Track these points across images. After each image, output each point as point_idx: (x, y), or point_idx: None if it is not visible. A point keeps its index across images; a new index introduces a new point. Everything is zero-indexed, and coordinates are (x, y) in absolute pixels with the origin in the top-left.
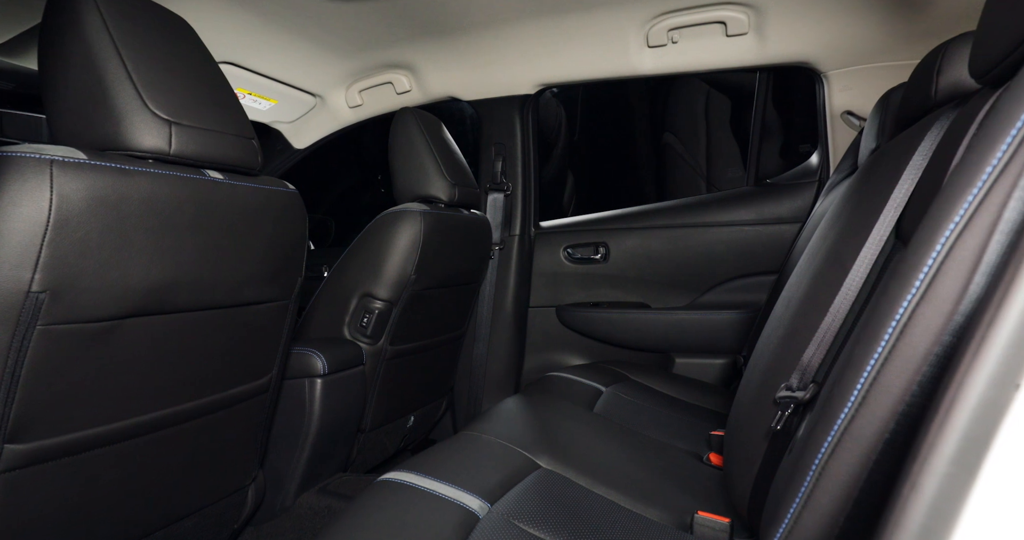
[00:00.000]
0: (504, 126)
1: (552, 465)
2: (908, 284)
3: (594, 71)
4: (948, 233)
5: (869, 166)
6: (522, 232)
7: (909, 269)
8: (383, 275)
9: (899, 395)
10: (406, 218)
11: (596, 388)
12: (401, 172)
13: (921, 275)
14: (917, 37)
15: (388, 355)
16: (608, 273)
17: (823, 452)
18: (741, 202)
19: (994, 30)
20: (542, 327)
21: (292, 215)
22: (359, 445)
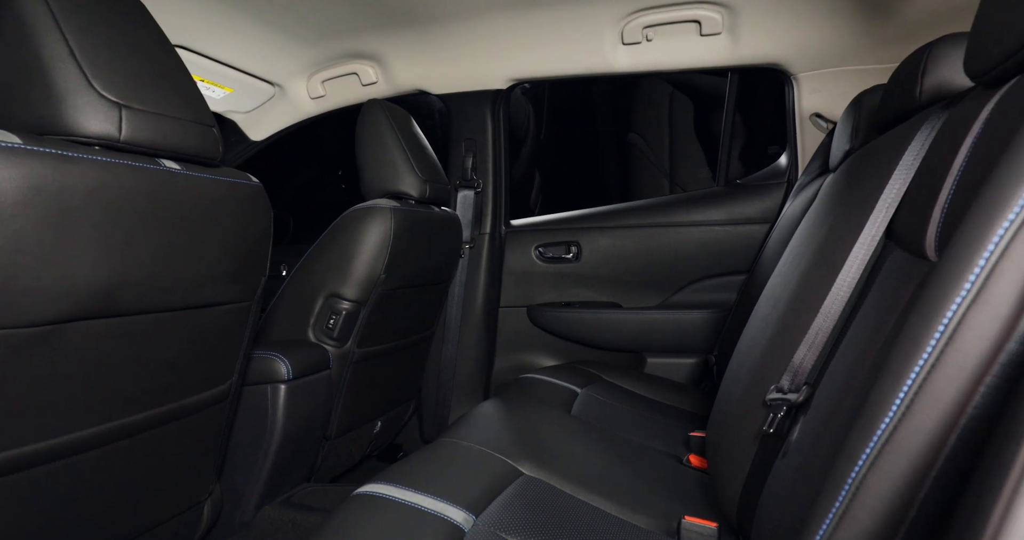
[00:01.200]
0: (475, 121)
1: (535, 472)
2: (954, 288)
3: (568, 67)
4: (1002, 232)
5: (853, 167)
6: (493, 230)
7: (953, 272)
8: (351, 274)
9: (954, 405)
10: (375, 215)
11: (572, 390)
12: (369, 167)
13: (972, 277)
14: (884, 42)
15: (355, 358)
16: (580, 272)
17: (861, 465)
18: (712, 202)
19: (994, 30)
20: (513, 327)
21: (256, 210)
22: (324, 453)
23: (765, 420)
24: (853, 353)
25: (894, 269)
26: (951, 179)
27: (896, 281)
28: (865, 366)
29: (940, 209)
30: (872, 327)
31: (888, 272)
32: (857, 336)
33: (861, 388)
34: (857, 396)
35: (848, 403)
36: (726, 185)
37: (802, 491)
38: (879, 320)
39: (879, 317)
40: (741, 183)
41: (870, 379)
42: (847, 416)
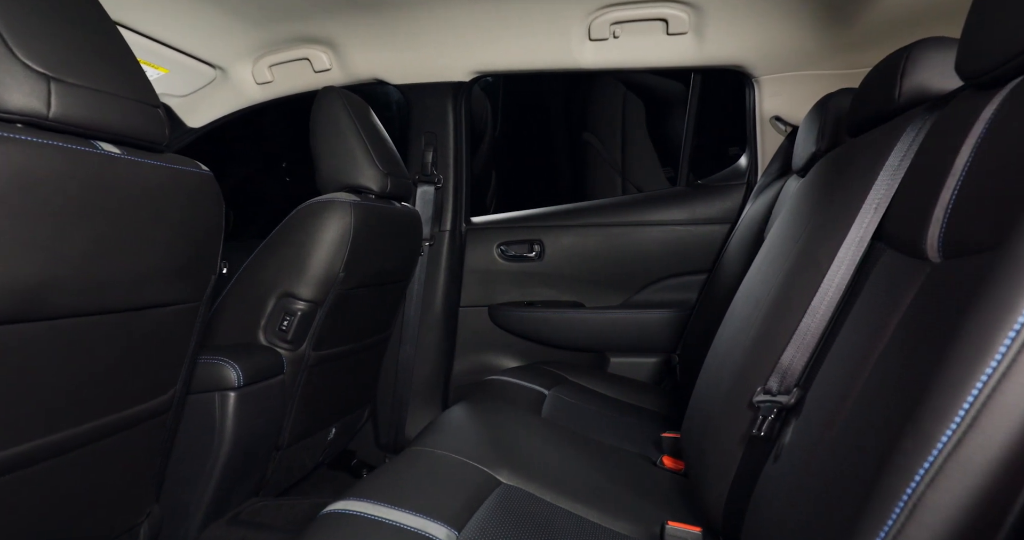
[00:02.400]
0: (436, 114)
1: (512, 480)
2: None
3: (534, 61)
4: None
5: (829, 169)
6: (453, 228)
7: (1013, 275)
8: (307, 272)
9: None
10: (334, 209)
11: (539, 391)
12: (325, 158)
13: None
14: (845, 48)
15: (310, 362)
16: (543, 271)
17: (918, 480)
18: (674, 202)
19: (991, 33)
20: (473, 327)
21: (206, 200)
22: (274, 464)
23: (752, 422)
24: (848, 356)
25: (887, 271)
26: (953, 180)
27: (891, 283)
28: (865, 370)
29: (943, 210)
30: (867, 330)
31: (880, 274)
32: (850, 339)
33: (869, 394)
34: (862, 401)
35: (849, 408)
36: (687, 185)
37: (803, 496)
38: (875, 323)
39: (874, 320)
40: (702, 183)
41: (903, 386)
42: (856, 422)
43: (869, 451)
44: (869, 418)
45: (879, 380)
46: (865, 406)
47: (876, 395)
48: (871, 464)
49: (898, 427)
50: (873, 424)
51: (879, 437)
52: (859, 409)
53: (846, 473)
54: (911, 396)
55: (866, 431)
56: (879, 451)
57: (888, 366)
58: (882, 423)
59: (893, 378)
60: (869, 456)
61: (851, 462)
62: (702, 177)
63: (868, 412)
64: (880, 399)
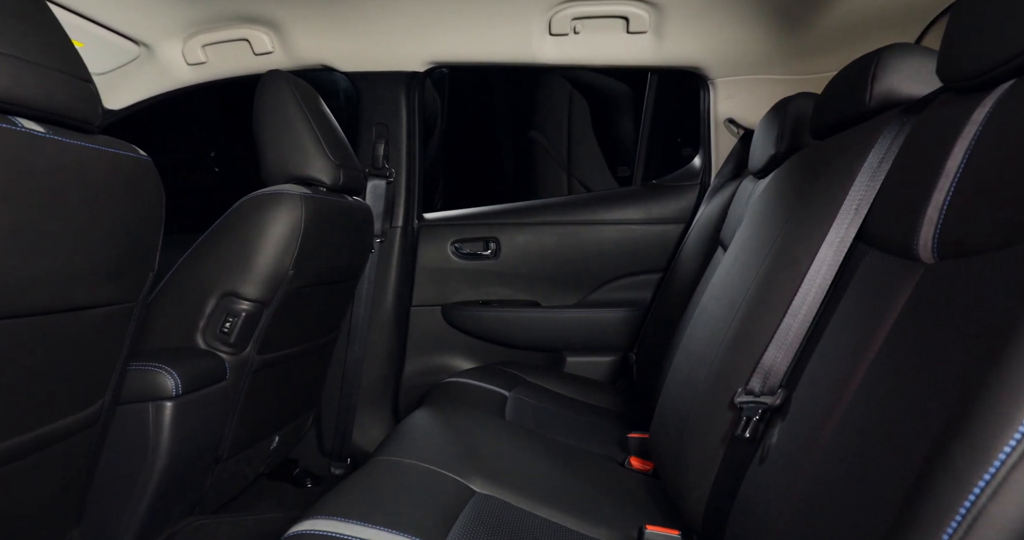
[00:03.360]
0: (388, 105)
1: (486, 488)
2: None
3: (492, 54)
4: None
5: (798, 170)
6: (405, 224)
7: None
8: (252, 270)
9: None
10: (283, 202)
11: (500, 393)
12: (272, 147)
13: None
14: (798, 54)
15: (255, 366)
16: (498, 270)
17: (978, 492)
18: (629, 201)
19: (977, 38)
20: (425, 327)
21: (145, 189)
22: (213, 478)
23: (734, 423)
24: (836, 357)
25: (873, 271)
26: (946, 181)
27: (879, 283)
28: (858, 371)
29: (936, 211)
30: (856, 330)
31: (866, 274)
32: (837, 339)
33: (871, 396)
34: (861, 404)
35: (844, 410)
36: (642, 185)
37: (797, 498)
38: (864, 323)
39: (863, 320)
40: (657, 183)
41: (932, 387)
42: (857, 425)
43: (880, 457)
44: (874, 422)
45: (882, 382)
46: (867, 408)
47: (881, 398)
48: (886, 470)
49: (920, 433)
50: (881, 429)
51: (894, 443)
52: (859, 412)
53: (850, 477)
54: (932, 399)
55: (871, 435)
56: (898, 457)
57: (891, 368)
58: (894, 428)
59: (903, 381)
60: (882, 462)
61: (855, 466)
62: (653, 177)
63: (872, 415)
64: (887, 402)
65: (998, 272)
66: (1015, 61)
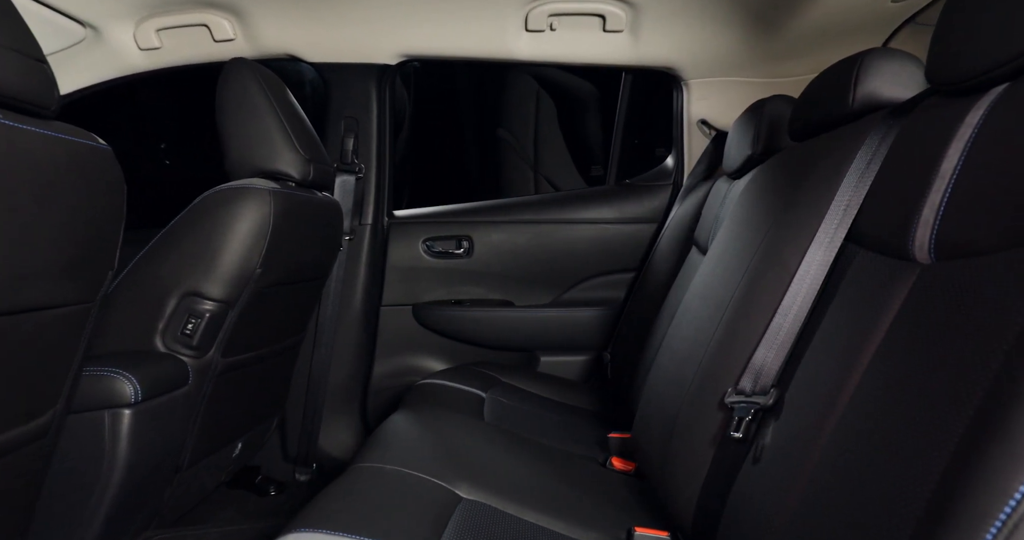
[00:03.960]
0: (358, 98)
1: (472, 494)
2: None
3: (467, 48)
4: None
5: (782, 170)
6: (375, 221)
7: None
8: (217, 269)
9: None
10: (250, 197)
11: (477, 394)
12: (236, 140)
13: None
14: (768, 58)
15: (218, 369)
16: (471, 269)
17: (1018, 500)
18: (603, 200)
19: (970, 42)
20: (396, 328)
21: (105, 181)
22: (172, 489)
23: (724, 423)
24: (831, 356)
25: (866, 272)
26: (942, 182)
27: (872, 284)
28: (856, 371)
29: (932, 212)
30: (850, 330)
31: (858, 275)
32: (831, 339)
33: (874, 395)
34: (865, 403)
35: (841, 410)
36: (616, 184)
37: (795, 500)
38: (859, 323)
39: (857, 320)
40: (630, 183)
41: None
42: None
43: (883, 459)
44: (876, 423)
45: (882, 382)
46: (868, 409)
47: (882, 398)
48: (892, 473)
49: (927, 435)
50: (884, 430)
51: (899, 445)
52: (859, 412)
53: (853, 480)
54: (939, 401)
55: (874, 437)
56: (904, 460)
57: (891, 368)
58: (899, 429)
59: (906, 382)
60: (887, 464)
61: (858, 468)
62: (627, 176)
63: (874, 416)
64: (889, 403)
65: (1005, 273)
66: (1008, 65)
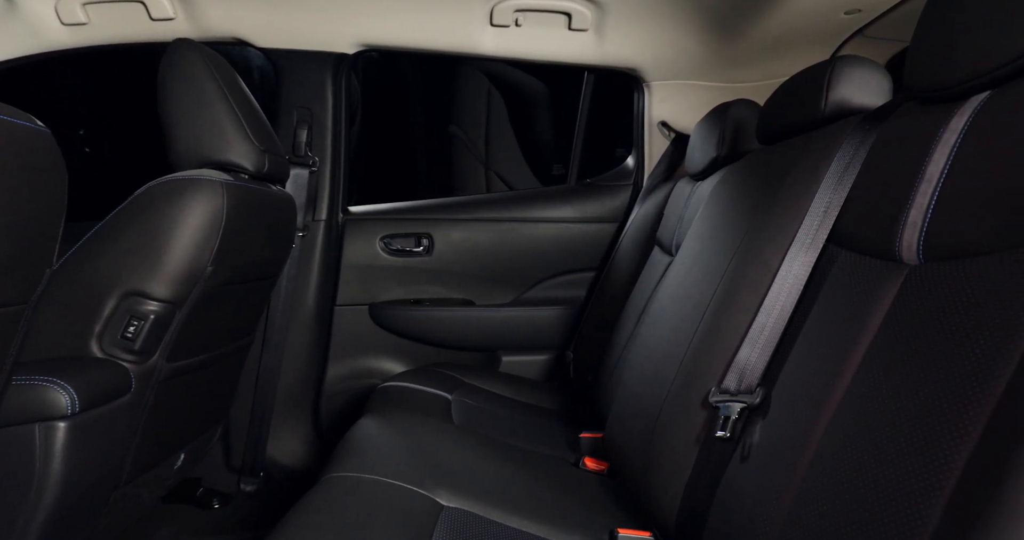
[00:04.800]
0: (313, 88)
1: (453, 501)
2: None
3: (429, 40)
4: None
5: (755, 172)
6: (329, 217)
7: None
8: (163, 266)
9: None
10: (201, 189)
11: (443, 396)
12: (182, 127)
13: None
14: (728, 63)
15: (162, 375)
16: (431, 267)
17: None
18: (565, 199)
19: (951, 53)
20: (350, 328)
21: (45, 167)
22: (109, 507)
23: (708, 422)
24: (819, 355)
25: (850, 271)
26: (929, 186)
27: (857, 283)
28: (847, 369)
29: (920, 213)
30: (836, 329)
31: (842, 274)
32: (817, 338)
33: (872, 394)
34: (860, 403)
35: (834, 409)
36: (577, 184)
37: (791, 499)
38: (845, 322)
39: (844, 319)
40: (591, 183)
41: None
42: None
43: (880, 458)
44: (872, 420)
45: (878, 381)
46: (863, 407)
47: (876, 397)
48: (893, 471)
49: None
50: (890, 429)
51: (905, 444)
52: (852, 410)
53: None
54: (940, 398)
55: (876, 435)
56: (906, 459)
57: (885, 366)
58: (902, 429)
59: (906, 380)
60: (893, 465)
61: (856, 468)
62: (587, 176)
63: (869, 414)
64: (884, 402)
65: (1002, 274)
66: (989, 75)
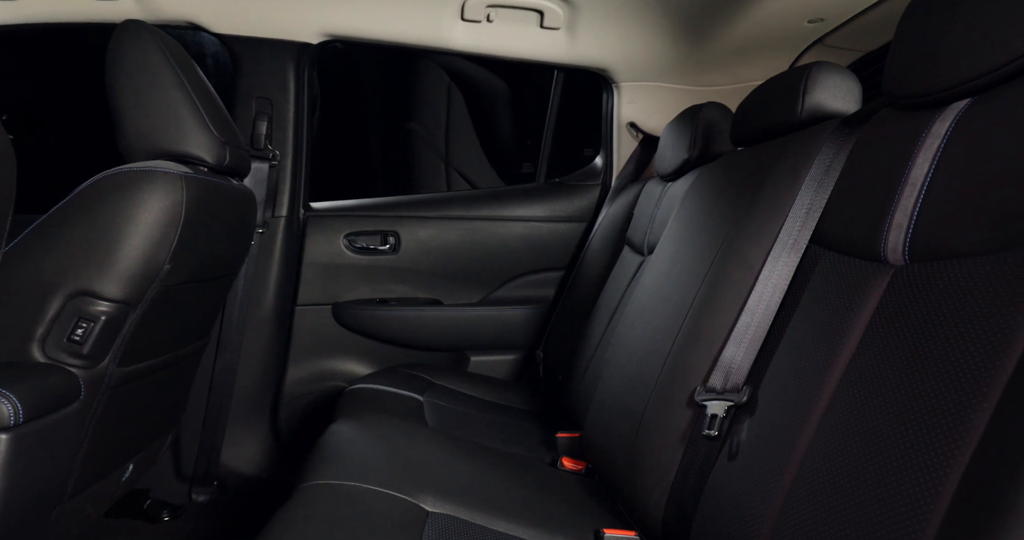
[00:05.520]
0: (273, 78)
1: (438, 506)
2: None
3: (398, 33)
4: None
5: (732, 173)
6: (290, 213)
7: None
8: (115, 264)
9: None
10: (158, 182)
11: (415, 398)
12: (135, 115)
13: None
14: (695, 66)
15: (113, 381)
16: (397, 266)
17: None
18: (534, 198)
19: (930, 63)
20: (312, 329)
21: None
22: (53, 524)
23: (693, 421)
24: (806, 353)
25: (834, 272)
26: (914, 188)
27: (843, 283)
28: (835, 368)
29: (905, 216)
30: (823, 328)
31: (826, 274)
32: (802, 337)
33: (861, 394)
34: (852, 402)
35: (822, 407)
36: (546, 183)
37: (778, 494)
38: (831, 321)
39: (830, 318)
40: (560, 182)
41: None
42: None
43: (871, 455)
44: (868, 418)
45: (868, 379)
46: (857, 402)
47: (873, 392)
48: (900, 469)
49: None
50: (883, 426)
51: (898, 440)
52: (849, 407)
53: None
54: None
55: (870, 431)
56: (911, 457)
57: (875, 363)
58: (895, 425)
59: (896, 377)
60: (886, 461)
61: (851, 465)
62: (550, 175)
63: (860, 411)
64: (880, 395)
65: (991, 274)
66: (969, 84)
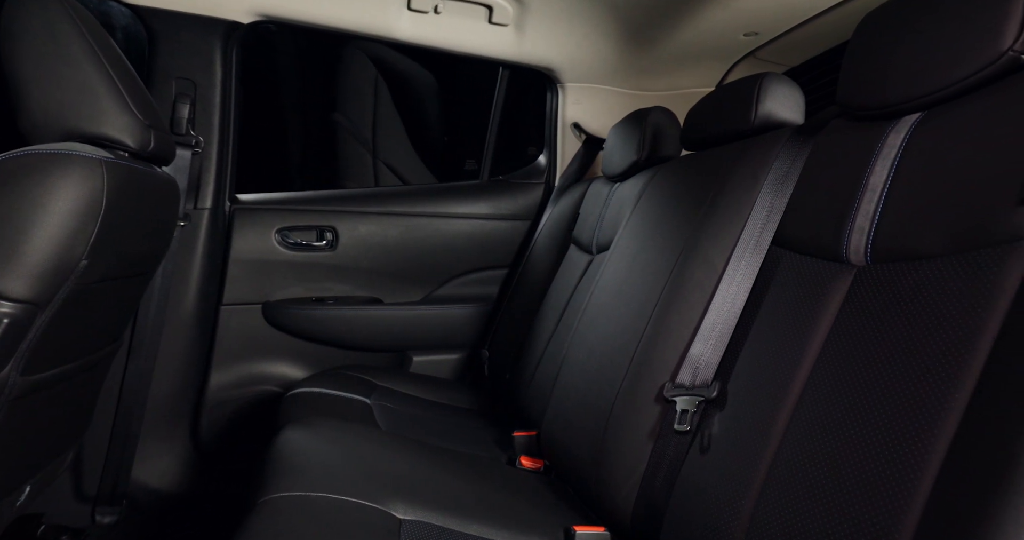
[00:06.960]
0: (197, 58)
1: (409, 513)
2: None
3: (339, 18)
4: None
5: (688, 174)
6: (215, 205)
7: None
8: (21, 259)
9: None
10: (75, 166)
11: (361, 401)
12: (39, 89)
13: None
14: (638, 71)
15: (16, 392)
16: (335, 263)
17: None
18: (478, 195)
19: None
20: (240, 330)
21: None
22: None
23: (663, 416)
24: (771, 349)
25: (797, 272)
26: (874, 194)
27: (806, 283)
28: (803, 363)
29: (866, 219)
30: (790, 325)
31: (789, 274)
32: (769, 333)
33: (835, 389)
34: (826, 397)
35: (792, 401)
36: (489, 180)
37: (752, 484)
38: (798, 318)
39: (796, 316)
40: (503, 180)
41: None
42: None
43: (867, 452)
44: (848, 414)
45: (835, 372)
46: (826, 395)
47: (840, 386)
48: (875, 458)
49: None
50: (852, 418)
51: (868, 432)
52: (818, 398)
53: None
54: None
55: (850, 426)
56: (884, 448)
57: (840, 358)
58: (864, 417)
59: (861, 372)
60: (876, 457)
61: (826, 455)
62: (493, 172)
63: (834, 402)
64: (847, 389)
65: (955, 275)
66: (921, 99)
